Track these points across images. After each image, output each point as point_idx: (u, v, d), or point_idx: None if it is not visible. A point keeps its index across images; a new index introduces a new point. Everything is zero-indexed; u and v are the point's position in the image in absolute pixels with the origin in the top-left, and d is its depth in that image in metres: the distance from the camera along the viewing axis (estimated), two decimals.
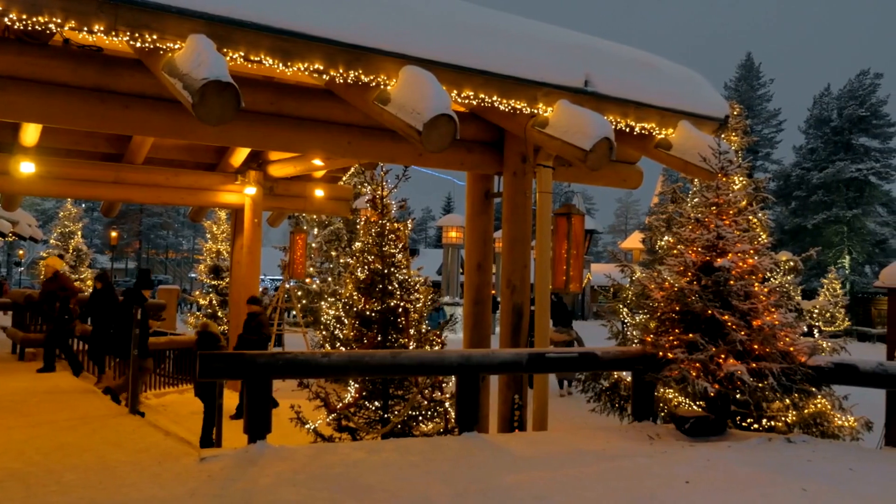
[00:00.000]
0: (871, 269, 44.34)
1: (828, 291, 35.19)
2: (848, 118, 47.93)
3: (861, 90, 48.78)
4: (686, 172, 8.27)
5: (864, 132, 48.01)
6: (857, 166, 46.18)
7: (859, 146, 47.56)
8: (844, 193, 46.46)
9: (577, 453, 6.38)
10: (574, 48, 7.82)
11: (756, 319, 6.97)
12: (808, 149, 49.80)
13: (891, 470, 6.09)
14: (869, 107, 47.97)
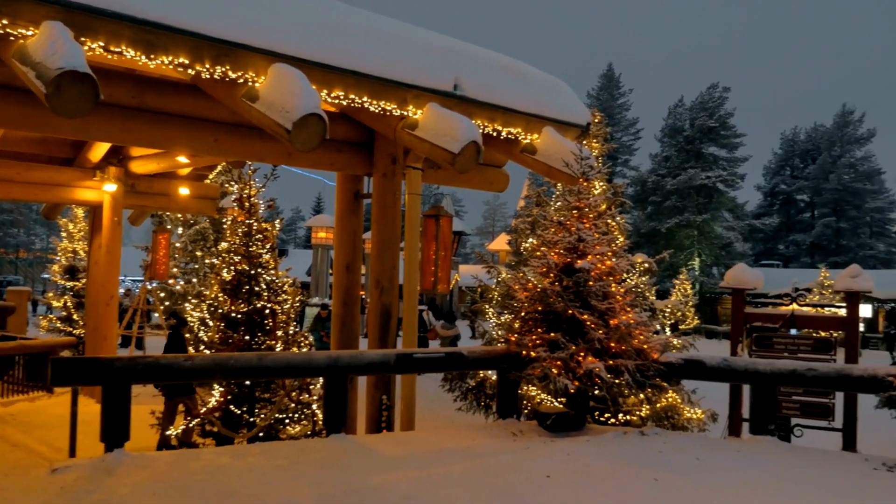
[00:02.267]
0: (717, 271, 47.29)
1: (679, 291, 37.29)
2: (699, 128, 50.92)
3: (711, 102, 51.95)
4: (550, 177, 8.56)
5: (713, 142, 51.13)
6: (707, 174, 49.13)
7: (709, 155, 50.61)
8: (695, 199, 49.30)
9: (444, 452, 6.48)
10: (445, 52, 7.94)
11: (613, 319, 7.31)
12: (663, 156, 52.54)
13: (733, 457, 6.53)
14: (718, 118, 51.14)
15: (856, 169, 59.53)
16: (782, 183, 63.38)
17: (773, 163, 64.62)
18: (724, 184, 49.82)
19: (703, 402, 9.70)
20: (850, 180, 58.61)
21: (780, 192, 63.08)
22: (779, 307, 9.85)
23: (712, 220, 48.81)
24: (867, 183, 59.22)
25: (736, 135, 51.90)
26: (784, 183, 63.35)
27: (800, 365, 7.48)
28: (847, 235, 58.81)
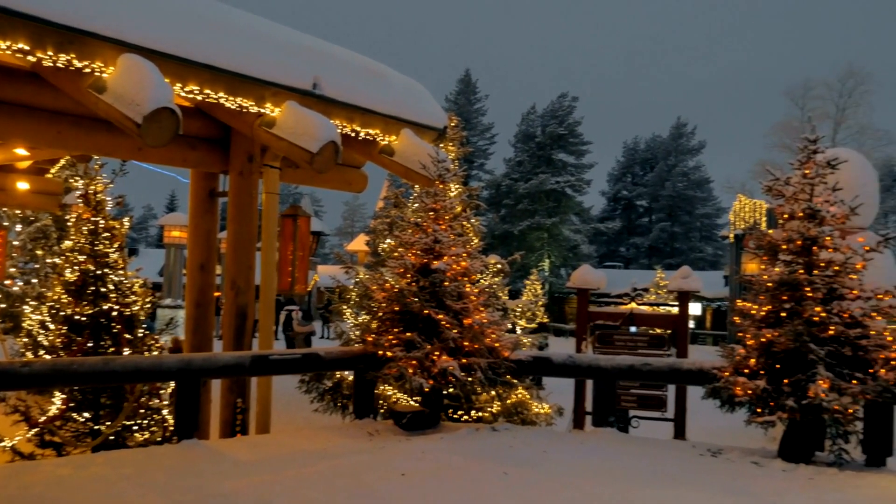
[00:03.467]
0: (565, 272, 49.32)
1: (530, 291, 38.64)
2: (549, 135, 52.96)
3: (561, 111, 54.17)
4: (407, 178, 8.70)
5: (562, 149, 53.31)
6: (557, 179, 51.17)
7: (558, 161, 52.73)
8: (546, 203, 51.21)
9: (300, 454, 6.46)
10: (305, 50, 7.90)
11: (467, 318, 7.53)
12: (516, 161, 54.25)
13: (577, 449, 6.91)
14: (567, 126, 53.40)
15: (688, 177, 63.75)
16: (624, 189, 66.97)
17: (616, 170, 68.16)
18: (572, 189, 52.05)
19: (551, 398, 10.16)
20: (683, 188, 62.68)
21: (622, 198, 66.63)
22: (619, 306, 10.47)
23: (561, 224, 50.87)
24: (698, 191, 63.58)
25: (583, 142, 54.37)
26: (626, 189, 66.97)
27: (637, 360, 8.00)
28: (680, 239, 62.88)
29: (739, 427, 7.18)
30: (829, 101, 39.63)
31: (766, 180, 7.20)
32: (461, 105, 59.23)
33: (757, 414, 6.69)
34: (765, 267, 7.09)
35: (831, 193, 6.98)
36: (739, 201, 35.37)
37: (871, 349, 6.48)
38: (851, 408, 6.31)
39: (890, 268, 10.93)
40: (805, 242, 6.79)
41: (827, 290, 6.66)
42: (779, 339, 6.54)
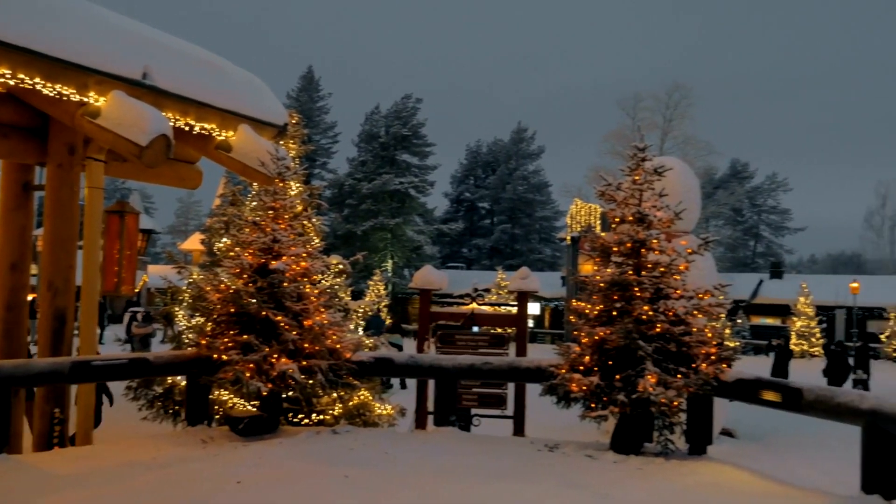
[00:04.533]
0: (409, 272, 49.65)
1: (373, 292, 38.57)
2: (393, 136, 53.10)
3: (405, 111, 54.43)
4: (245, 176, 8.39)
5: (406, 149, 53.60)
6: (400, 180, 51.36)
7: (402, 162, 52.97)
8: (389, 204, 51.29)
9: (127, 465, 6.06)
10: (135, 38, 7.41)
11: (307, 319, 7.35)
12: (360, 161, 53.99)
13: (419, 449, 6.90)
14: (411, 127, 53.73)
15: (528, 181, 65.96)
16: (467, 191, 68.33)
17: (459, 172, 69.41)
18: (416, 190, 52.42)
19: (394, 398, 10.13)
20: (523, 191, 64.78)
21: (465, 200, 67.96)
22: (461, 306, 10.59)
23: (404, 224, 51.12)
24: (537, 194, 65.92)
25: (427, 144, 54.92)
26: (468, 191, 68.34)
27: (478, 359, 8.11)
28: (520, 241, 64.95)
29: (575, 422, 7.43)
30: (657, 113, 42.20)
31: (600, 185, 7.51)
32: (303, 102, 58.23)
33: (591, 409, 6.95)
34: (598, 268, 7.39)
35: (658, 199, 7.37)
36: (576, 205, 36.99)
37: (693, 345, 6.90)
38: (676, 400, 6.68)
39: (710, 269, 11.75)
40: (634, 245, 7.13)
41: (654, 290, 7.02)
42: (611, 337, 6.82)
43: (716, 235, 8.94)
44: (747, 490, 5.84)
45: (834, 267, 76.85)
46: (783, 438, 13.04)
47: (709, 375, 6.79)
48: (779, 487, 5.97)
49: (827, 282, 40.52)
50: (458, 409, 9.15)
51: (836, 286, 37.78)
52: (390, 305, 38.14)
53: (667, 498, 5.63)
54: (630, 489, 5.80)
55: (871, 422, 5.79)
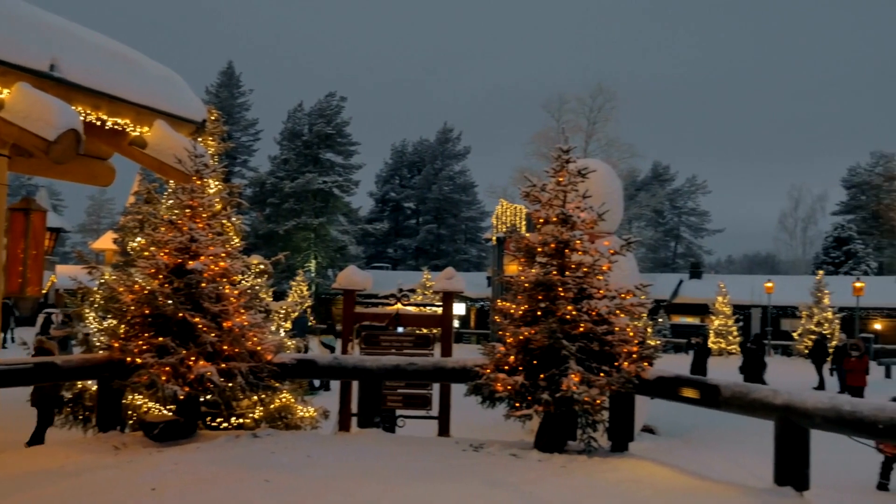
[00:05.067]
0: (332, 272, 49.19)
1: (296, 293, 38.05)
2: (317, 134, 52.54)
3: (329, 110, 53.93)
4: (161, 173, 8.11)
5: (330, 148, 53.13)
6: (324, 179, 50.88)
7: (326, 160, 52.48)
8: (312, 203, 50.74)
9: (32, 475, 5.76)
10: (42, 27, 7.05)
11: (227, 321, 7.14)
12: (282, 159, 53.23)
13: (342, 451, 6.78)
14: (335, 126, 53.29)
15: (454, 181, 66.25)
16: (392, 191, 68.17)
17: (385, 172, 69.21)
18: (340, 189, 52.01)
19: (317, 401, 9.97)
20: (449, 191, 65.02)
21: (391, 200, 67.78)
22: (386, 307, 10.50)
23: (328, 224, 50.65)
24: (463, 195, 66.26)
25: (351, 143, 54.56)
26: (394, 191, 68.20)
27: (402, 360, 8.04)
28: (446, 241, 65.17)
29: (500, 421, 7.43)
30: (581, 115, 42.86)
31: (525, 187, 7.53)
32: (223, 98, 57.04)
33: (516, 408, 6.97)
34: (523, 268, 7.41)
35: (582, 200, 7.44)
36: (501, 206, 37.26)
37: (616, 344, 6.98)
38: (599, 399, 6.75)
39: (632, 269, 11.95)
40: (559, 245, 7.17)
41: (578, 290, 7.08)
42: (535, 337, 6.85)
43: (638, 236, 9.10)
44: (667, 485, 5.94)
45: (750, 267, 79.65)
46: (702, 434, 13.37)
47: (631, 373, 6.89)
48: (697, 482, 6.09)
49: (743, 282, 42.01)
50: (383, 410, 9.06)
51: (752, 286, 39.18)
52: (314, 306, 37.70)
53: (589, 494, 5.68)
54: (554, 487, 5.83)
55: (783, 416, 5.95)
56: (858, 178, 63.07)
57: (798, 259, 66.59)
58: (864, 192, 62.35)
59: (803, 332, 32.78)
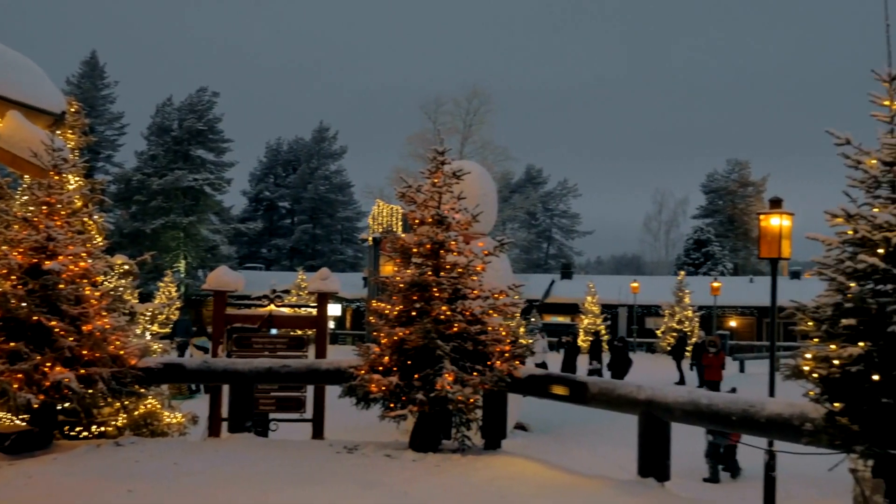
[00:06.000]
0: (203, 273, 47.63)
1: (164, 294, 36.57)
2: (188, 130, 50.69)
3: (200, 105, 52.14)
4: (15, 167, 7.63)
5: (201, 145, 51.37)
6: (195, 176, 49.14)
7: (197, 157, 50.69)
8: (182, 201, 48.92)
9: None
10: None
11: (87, 324, 6.79)
12: (150, 155, 51.03)
13: (212, 457, 6.57)
14: (207, 122, 51.58)
15: (330, 181, 65.60)
16: (266, 190, 66.73)
17: (259, 170, 67.66)
18: (212, 187, 50.42)
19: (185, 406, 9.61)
20: (325, 191, 64.33)
21: (265, 199, 66.34)
22: (259, 308, 10.26)
23: (199, 223, 49.00)
24: (339, 194, 65.72)
25: (224, 140, 53.01)
26: (268, 190, 66.78)
27: (275, 362, 7.88)
28: (322, 241, 64.45)
29: (375, 422, 7.42)
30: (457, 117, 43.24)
31: (401, 187, 7.55)
32: (86, 90, 53.95)
33: (390, 409, 6.97)
34: (398, 269, 7.43)
35: (457, 202, 7.54)
36: (378, 206, 37.17)
37: (489, 343, 7.11)
38: (473, 397, 6.86)
39: (506, 270, 12.20)
40: (434, 246, 7.23)
41: (452, 291, 7.17)
42: (410, 337, 6.87)
43: (511, 238, 9.29)
44: (538, 480, 6.10)
45: (617, 268, 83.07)
46: (572, 429, 13.82)
47: (503, 372, 7.03)
48: (566, 476, 6.29)
49: (611, 282, 43.76)
50: (255, 413, 8.84)
51: (619, 286, 40.85)
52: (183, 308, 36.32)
53: (463, 492, 5.75)
54: (427, 486, 5.87)
55: (646, 411, 6.24)
56: (716, 184, 66.92)
57: (661, 260, 70.02)
58: (721, 197, 66.20)
59: (666, 330, 34.45)
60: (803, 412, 5.09)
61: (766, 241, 9.27)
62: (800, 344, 5.07)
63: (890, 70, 4.89)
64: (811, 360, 4.81)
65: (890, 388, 4.42)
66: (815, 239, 5.07)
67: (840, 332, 4.70)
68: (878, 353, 4.53)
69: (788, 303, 5.26)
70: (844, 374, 4.60)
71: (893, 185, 4.80)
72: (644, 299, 39.47)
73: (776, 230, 9.17)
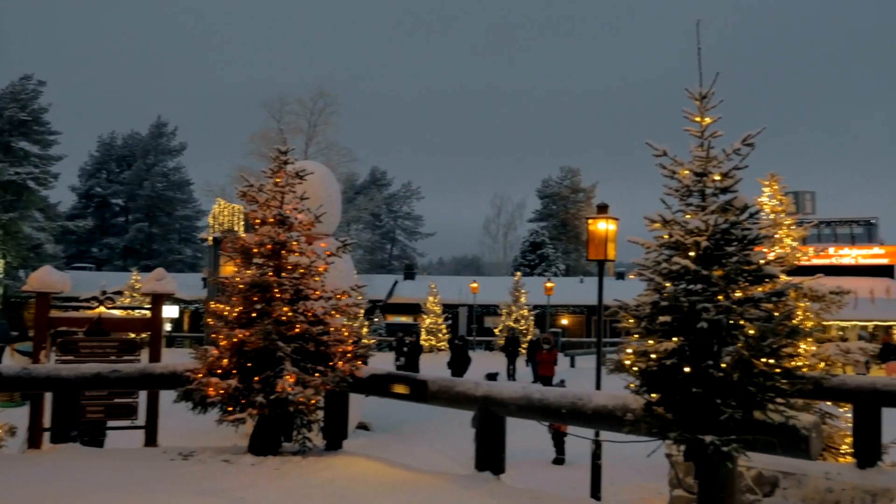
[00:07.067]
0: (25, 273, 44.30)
1: None
2: (9, 120, 46.98)
3: (24, 94, 48.44)
4: None
5: (25, 136, 47.74)
6: (17, 170, 45.60)
7: (19, 150, 47.06)
8: (2, 196, 45.28)
9: None
10: None
11: None
12: None
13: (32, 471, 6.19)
14: (31, 112, 48.00)
15: (168, 178, 62.94)
16: (98, 186, 63.06)
17: (90, 165, 63.84)
18: (36, 182, 47.01)
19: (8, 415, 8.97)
20: (162, 188, 61.63)
21: (96, 195, 62.66)
22: (87, 310, 9.71)
23: (21, 220, 45.48)
24: (178, 192, 63.18)
25: (50, 132, 49.53)
26: (100, 186, 63.13)
27: (104, 367, 7.52)
28: (159, 240, 61.69)
29: (213, 427, 7.23)
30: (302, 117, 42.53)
31: (242, 186, 7.42)
32: None
33: (229, 413, 6.83)
34: (239, 269, 7.29)
35: (300, 202, 7.50)
36: (219, 205, 35.95)
37: (331, 344, 7.12)
38: (314, 399, 6.84)
39: (349, 270, 12.21)
40: (275, 246, 7.16)
41: (294, 291, 7.12)
42: (250, 339, 6.76)
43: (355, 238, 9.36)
44: (379, 479, 6.17)
45: (458, 269, 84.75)
46: (413, 427, 14.02)
47: (345, 372, 7.06)
48: (406, 473, 6.41)
49: (452, 282, 44.70)
50: (83, 422, 8.37)
51: (460, 286, 41.79)
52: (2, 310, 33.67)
53: (302, 494, 5.73)
54: (266, 490, 5.81)
55: (483, 407, 6.47)
56: (550, 190, 69.98)
57: (500, 261, 72.32)
58: (554, 202, 69.28)
59: (503, 329, 35.59)
60: (625, 403, 5.46)
61: (594, 244, 9.84)
62: (623, 340, 5.42)
63: (700, 89, 5.35)
64: (632, 354, 5.17)
65: (700, 379, 4.82)
66: (635, 242, 5.45)
67: (657, 329, 5.08)
68: (690, 348, 4.93)
69: (613, 302, 5.62)
70: (661, 367, 4.98)
71: (703, 193, 5.24)
72: (483, 299, 40.61)
73: (603, 234, 9.75)
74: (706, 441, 4.72)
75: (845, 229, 36.18)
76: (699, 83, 5.34)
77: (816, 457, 5.04)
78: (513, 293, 37.06)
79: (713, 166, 5.21)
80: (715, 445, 4.70)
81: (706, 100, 5.32)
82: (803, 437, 4.71)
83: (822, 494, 6.09)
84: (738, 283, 5.03)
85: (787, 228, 8.33)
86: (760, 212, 7.81)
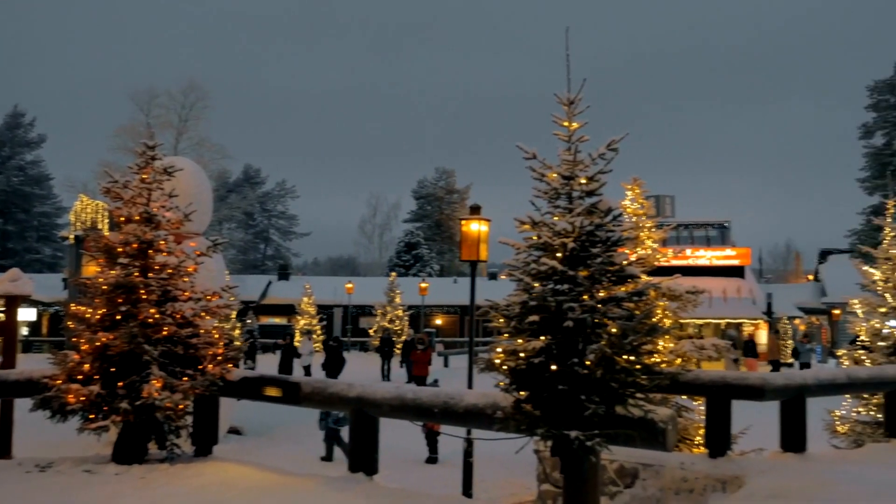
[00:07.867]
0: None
1: None
2: None
3: None
4: None
5: None
6: None
7: None
8: None
9: None
10: None
11: None
12: None
13: None
14: None
15: (25, 172, 59.28)
16: None
17: None
18: None
19: None
20: (19, 183, 57.98)
21: None
22: None
23: None
24: (36, 187, 59.59)
25: None
26: None
27: None
28: (15, 238, 58.03)
29: (74, 436, 6.89)
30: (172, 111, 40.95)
31: (106, 182, 7.13)
32: None
33: (90, 420, 6.54)
34: (103, 269, 6.99)
35: (168, 199, 7.27)
36: (81, 202, 34.12)
37: (201, 347, 6.93)
38: (183, 404, 6.64)
39: (220, 271, 11.91)
40: (142, 246, 6.91)
41: (162, 293, 6.89)
42: (114, 343, 6.50)
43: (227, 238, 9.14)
44: (250, 484, 6.07)
45: (333, 269, 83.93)
46: (287, 430, 13.81)
47: (215, 376, 6.89)
48: (279, 477, 6.33)
49: (327, 283, 44.38)
50: None
51: (335, 286, 41.51)
52: None
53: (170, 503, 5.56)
54: (131, 501, 5.62)
55: (357, 408, 6.48)
56: (426, 190, 70.61)
57: (375, 262, 72.27)
58: (430, 203, 69.96)
59: (378, 329, 35.61)
60: (495, 401, 5.61)
61: (467, 244, 10.03)
62: (494, 339, 5.56)
63: (569, 95, 5.56)
64: (502, 353, 5.31)
65: (566, 376, 5.02)
66: (506, 243, 5.60)
67: (526, 328, 5.25)
68: (557, 346, 5.13)
69: (485, 302, 5.76)
70: (529, 366, 5.14)
71: (570, 196, 5.45)
72: (358, 299, 40.50)
73: (475, 235, 9.95)
74: (571, 436, 4.92)
75: (701, 232, 38.17)
76: (567, 89, 5.55)
77: (673, 448, 5.36)
78: (388, 293, 37.15)
79: (580, 170, 5.42)
80: (580, 440, 4.90)
81: (574, 105, 5.54)
82: (661, 429, 4.99)
83: (678, 483, 6.46)
84: (602, 283, 5.26)
85: (648, 231, 8.75)
86: (623, 214, 8.24)
